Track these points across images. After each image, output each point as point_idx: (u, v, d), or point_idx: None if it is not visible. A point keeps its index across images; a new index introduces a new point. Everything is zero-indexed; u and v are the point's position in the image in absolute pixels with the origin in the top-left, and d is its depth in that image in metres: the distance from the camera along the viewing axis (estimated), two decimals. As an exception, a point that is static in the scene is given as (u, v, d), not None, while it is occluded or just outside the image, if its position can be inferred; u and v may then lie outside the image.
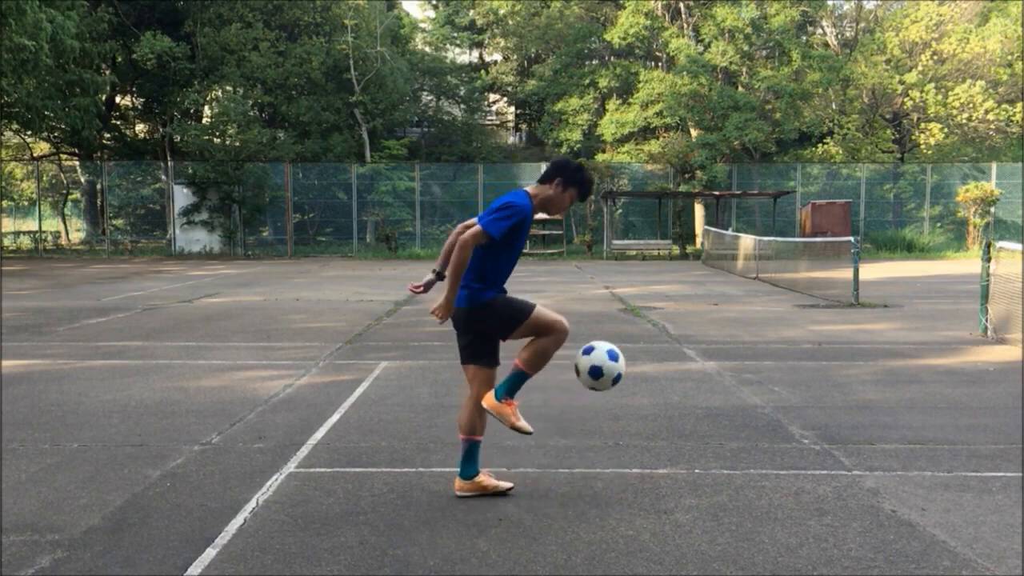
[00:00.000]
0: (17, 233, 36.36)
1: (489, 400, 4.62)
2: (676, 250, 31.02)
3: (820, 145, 36.27)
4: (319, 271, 23.31)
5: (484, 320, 4.63)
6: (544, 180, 4.69)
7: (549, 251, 32.01)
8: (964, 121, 34.06)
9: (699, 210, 34.25)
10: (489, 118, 47.30)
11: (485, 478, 4.73)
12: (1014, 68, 34.32)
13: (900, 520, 4.36)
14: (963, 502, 4.64)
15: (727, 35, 34.76)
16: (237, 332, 11.18)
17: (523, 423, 4.61)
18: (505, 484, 4.75)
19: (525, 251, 31.38)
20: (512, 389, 4.64)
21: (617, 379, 4.70)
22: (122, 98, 37.36)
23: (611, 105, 37.28)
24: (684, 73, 34.11)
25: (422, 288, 4.84)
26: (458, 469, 4.74)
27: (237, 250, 31.82)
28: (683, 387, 7.66)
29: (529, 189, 4.70)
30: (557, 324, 4.73)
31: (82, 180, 36.30)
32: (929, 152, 35.50)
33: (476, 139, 42.01)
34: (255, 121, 32.90)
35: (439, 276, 4.73)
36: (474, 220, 4.66)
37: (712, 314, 13.21)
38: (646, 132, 37.50)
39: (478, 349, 4.73)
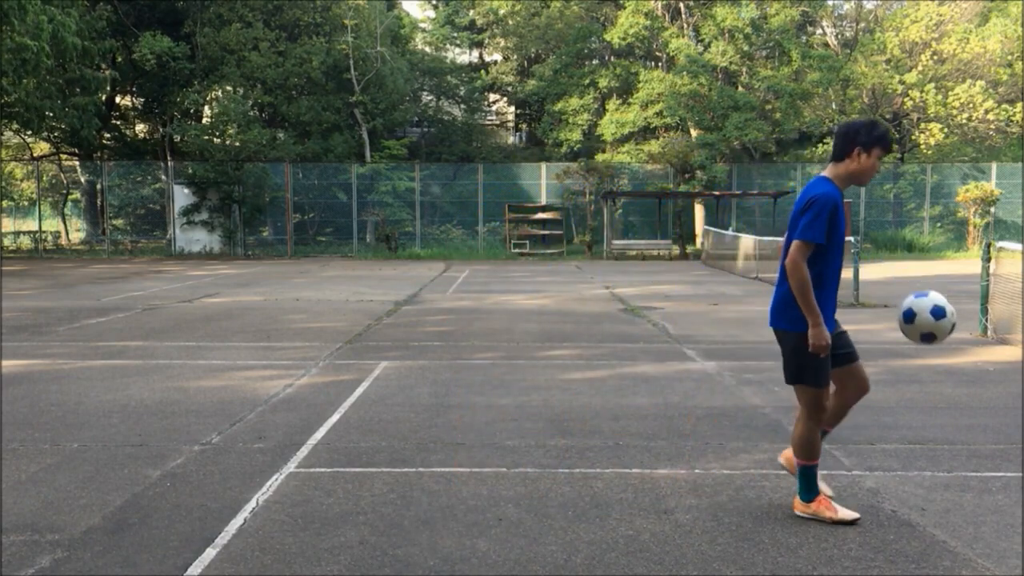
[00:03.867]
0: (17, 233, 36.34)
1: (799, 506, 4.43)
2: (676, 250, 31.00)
3: (820, 145, 36.27)
4: (319, 271, 23.31)
5: (791, 348, 4.39)
6: (840, 156, 4.32)
7: (549, 251, 32.00)
8: (964, 121, 34.05)
9: (699, 210, 34.24)
10: (489, 118, 47.29)
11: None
12: (1014, 68, 34.31)
13: (900, 520, 4.36)
14: (963, 502, 4.65)
15: (727, 35, 34.77)
16: (237, 332, 11.18)
17: (844, 512, 4.35)
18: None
19: (524, 251, 31.61)
20: (810, 487, 4.41)
21: (927, 337, 4.45)
22: (122, 98, 37.33)
23: (611, 105, 37.27)
24: (684, 73, 34.11)
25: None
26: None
27: (237, 250, 31.82)
28: (683, 387, 7.66)
29: (826, 173, 4.38)
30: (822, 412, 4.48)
31: (82, 180, 36.30)
32: (929, 152, 35.49)
33: (476, 139, 41.99)
34: (255, 121, 32.88)
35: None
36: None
37: (712, 314, 13.21)
38: (646, 132, 37.50)
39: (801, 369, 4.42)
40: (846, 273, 14.82)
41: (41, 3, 23.07)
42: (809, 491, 4.39)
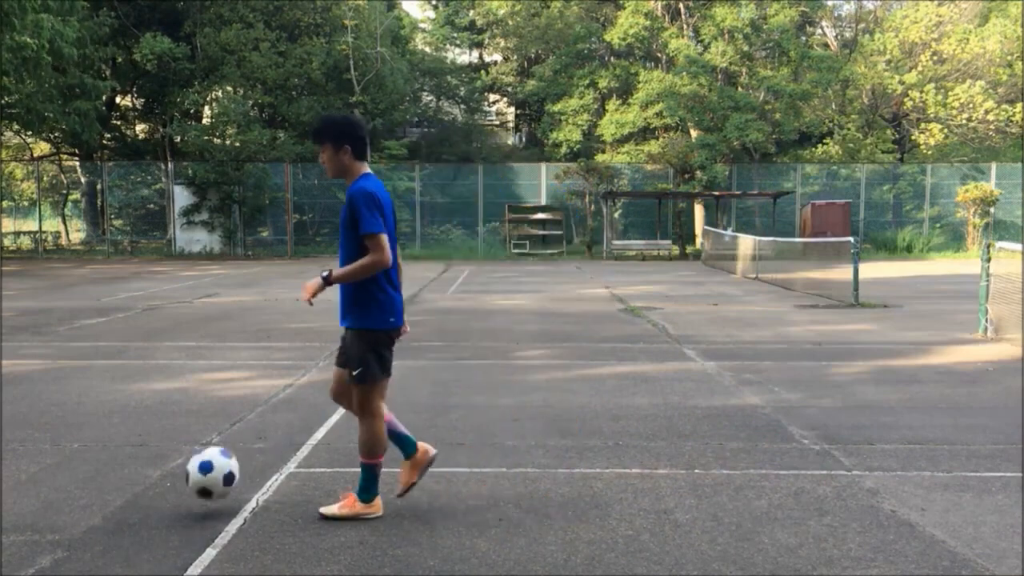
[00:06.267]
0: (17, 233, 36.33)
1: (356, 506, 4.41)
2: (676, 250, 31.01)
3: (820, 146, 36.29)
4: (319, 271, 23.25)
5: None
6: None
7: (549, 251, 32.00)
8: (964, 122, 34.05)
9: (699, 210, 34.26)
10: (489, 118, 47.30)
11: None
12: (1014, 68, 34.32)
13: (900, 520, 4.37)
14: (963, 502, 4.65)
15: (727, 35, 34.77)
16: (237, 332, 11.18)
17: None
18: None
19: (524, 251, 31.64)
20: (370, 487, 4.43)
21: (203, 492, 4.42)
22: (122, 98, 37.30)
23: (611, 105, 37.28)
24: (684, 73, 34.12)
25: None
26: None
27: (237, 250, 31.81)
28: (683, 387, 7.66)
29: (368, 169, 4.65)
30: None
31: (82, 180, 36.29)
32: (929, 152, 35.49)
33: (476, 139, 41.99)
34: (255, 121, 32.87)
35: None
36: None
37: (712, 314, 13.22)
38: (646, 132, 37.51)
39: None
40: (846, 273, 14.86)
41: (39, 5, 23.03)
42: (368, 491, 4.38)
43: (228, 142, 31.53)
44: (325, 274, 4.37)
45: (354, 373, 4.35)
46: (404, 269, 4.78)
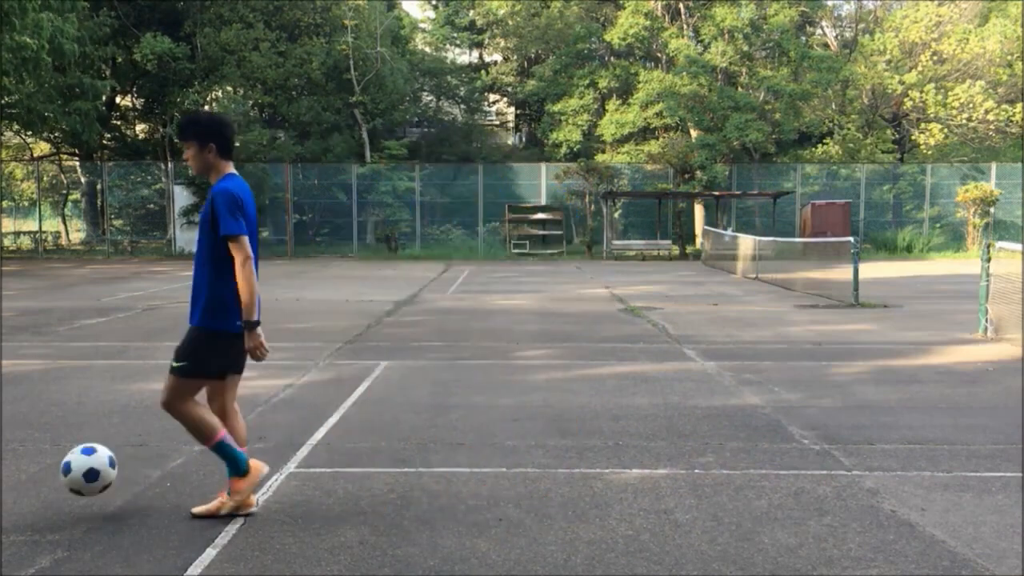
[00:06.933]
0: (17, 233, 36.34)
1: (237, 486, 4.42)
2: (676, 250, 31.01)
3: (820, 146, 36.30)
4: (319, 271, 23.30)
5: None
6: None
7: (549, 251, 31.99)
8: (964, 122, 34.06)
9: (699, 210, 34.26)
10: (489, 118, 47.29)
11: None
12: (1014, 68, 34.32)
13: (900, 520, 4.37)
14: (963, 502, 4.65)
15: (727, 35, 34.78)
16: (237, 332, 11.15)
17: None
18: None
19: (524, 251, 31.65)
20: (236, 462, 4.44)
21: (75, 492, 4.39)
22: (122, 98, 37.29)
23: (611, 105, 37.28)
24: (684, 73, 34.14)
25: None
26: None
27: (237, 250, 31.77)
28: (683, 387, 7.66)
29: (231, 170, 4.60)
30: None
31: (82, 180, 36.30)
32: (929, 152, 35.49)
33: (476, 139, 41.98)
34: (255, 121, 32.87)
35: None
36: None
37: (712, 314, 13.22)
38: (646, 132, 37.51)
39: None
40: (846, 273, 14.87)
41: (40, 4, 23.03)
42: (236, 466, 4.38)
43: (228, 142, 31.48)
44: (240, 324, 4.45)
45: (176, 364, 4.42)
46: (404, 269, 4.79)
